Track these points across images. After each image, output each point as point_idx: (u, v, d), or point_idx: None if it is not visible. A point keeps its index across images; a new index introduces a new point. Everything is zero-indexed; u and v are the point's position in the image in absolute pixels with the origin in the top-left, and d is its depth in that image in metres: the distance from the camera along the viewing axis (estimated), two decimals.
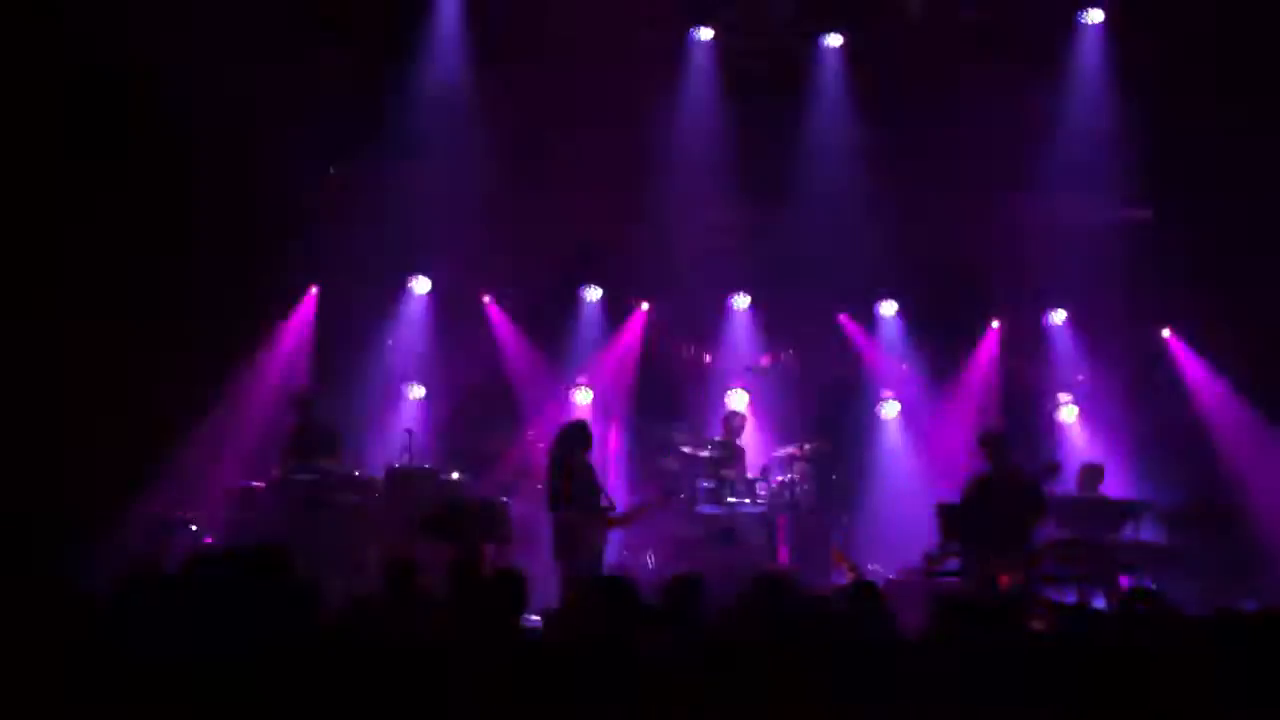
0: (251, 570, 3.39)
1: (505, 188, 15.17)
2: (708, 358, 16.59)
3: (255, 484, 13.61)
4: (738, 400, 15.72)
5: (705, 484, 14.00)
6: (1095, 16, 14.22)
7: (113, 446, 13.23)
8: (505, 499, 13.08)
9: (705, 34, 14.60)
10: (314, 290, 15.59)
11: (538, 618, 8.21)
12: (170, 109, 13.62)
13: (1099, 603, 11.27)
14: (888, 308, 16.62)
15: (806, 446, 14.52)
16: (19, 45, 13.14)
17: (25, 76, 13.27)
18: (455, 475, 13.69)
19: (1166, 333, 15.93)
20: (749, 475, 14.34)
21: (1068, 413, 16.18)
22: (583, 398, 15.71)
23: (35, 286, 13.75)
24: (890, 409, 16.44)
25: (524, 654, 4.59)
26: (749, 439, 15.09)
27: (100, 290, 13.91)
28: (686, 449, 14.45)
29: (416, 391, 15.79)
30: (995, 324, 16.39)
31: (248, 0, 13.45)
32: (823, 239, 15.69)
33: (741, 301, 16.50)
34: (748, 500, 13.95)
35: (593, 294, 16.50)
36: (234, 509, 13.28)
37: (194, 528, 13.01)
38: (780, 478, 14.38)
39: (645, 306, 16.44)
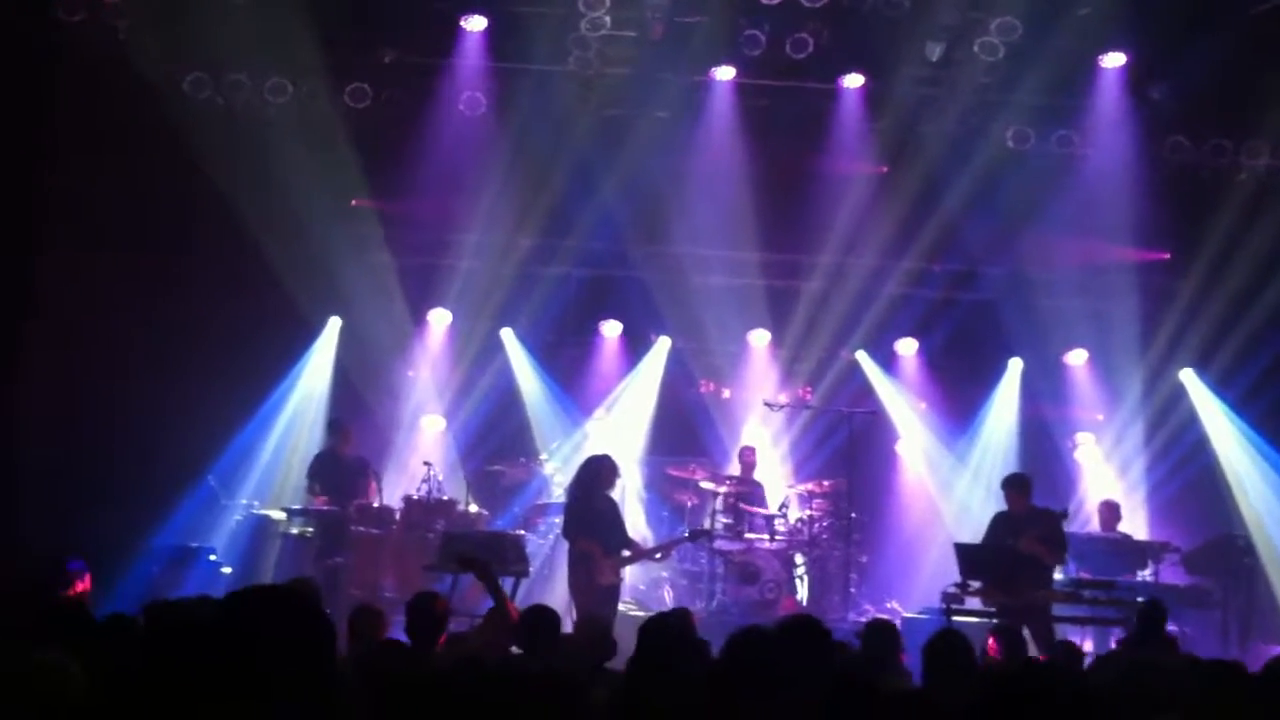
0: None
1: (526, 223, 15.30)
2: (726, 394, 16.60)
3: (275, 514, 13.64)
4: (754, 436, 15.68)
5: (724, 519, 13.98)
6: (1116, 60, 14.26)
7: (134, 477, 13.25)
8: (522, 531, 13.09)
9: (725, 73, 14.66)
10: (335, 322, 15.64)
11: None
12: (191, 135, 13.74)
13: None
14: (906, 346, 16.63)
15: (825, 483, 14.50)
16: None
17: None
18: (473, 508, 13.70)
19: (1186, 373, 15.88)
20: (767, 511, 14.31)
21: (1087, 452, 16.16)
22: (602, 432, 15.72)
23: (57, 317, 13.85)
24: (909, 446, 16.43)
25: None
26: (767, 475, 15.06)
27: (121, 319, 14.00)
28: (705, 484, 14.43)
29: (435, 424, 15.81)
30: (1015, 363, 16.39)
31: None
32: (842, 276, 15.80)
33: (760, 338, 16.51)
34: (766, 536, 13.89)
35: (611, 329, 16.53)
36: (254, 539, 13.32)
37: (213, 558, 12.99)
38: (799, 514, 14.35)
39: (665, 342, 16.46)
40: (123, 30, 13.62)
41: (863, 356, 16.48)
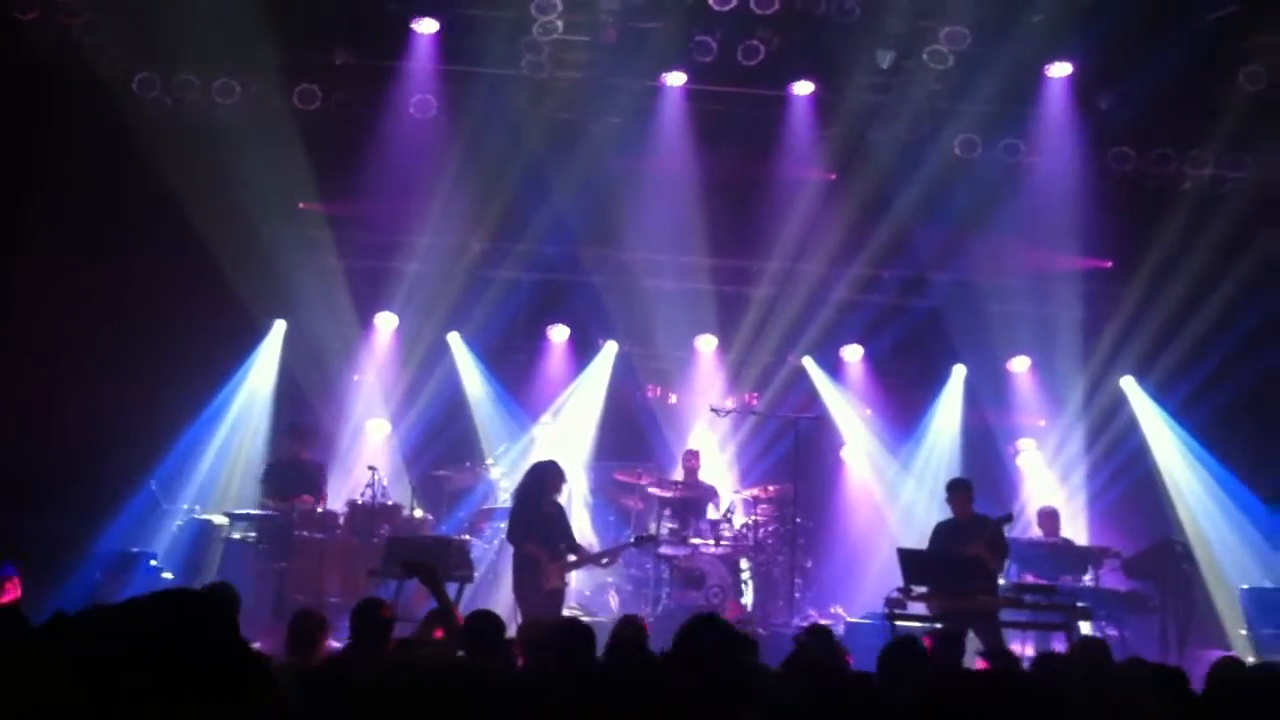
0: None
1: (477, 227, 15.28)
2: (673, 399, 16.64)
3: (218, 519, 13.55)
4: (700, 441, 15.72)
5: (669, 524, 14.00)
6: (1062, 70, 14.38)
7: (82, 480, 13.12)
8: (467, 537, 13.06)
9: (677, 79, 14.67)
10: (280, 325, 15.55)
11: None
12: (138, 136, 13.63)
13: (1059, 647, 11.32)
14: (852, 352, 16.72)
15: (770, 488, 14.54)
16: None
17: None
18: (418, 513, 13.66)
19: (1127, 380, 16.05)
20: (712, 516, 14.34)
21: (1029, 458, 16.32)
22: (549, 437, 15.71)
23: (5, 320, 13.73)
24: (854, 452, 16.52)
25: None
26: (712, 480, 15.10)
27: (69, 321, 13.89)
28: (651, 489, 14.45)
29: (381, 428, 15.76)
30: (958, 369, 16.52)
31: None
32: (790, 282, 15.86)
33: (707, 344, 16.55)
34: (711, 542, 13.93)
35: (559, 334, 16.53)
36: (196, 544, 13.23)
37: (154, 563, 12.88)
38: (744, 519, 14.39)
39: (612, 347, 16.48)
40: (75, 29, 13.50)
41: (809, 362, 16.56)
